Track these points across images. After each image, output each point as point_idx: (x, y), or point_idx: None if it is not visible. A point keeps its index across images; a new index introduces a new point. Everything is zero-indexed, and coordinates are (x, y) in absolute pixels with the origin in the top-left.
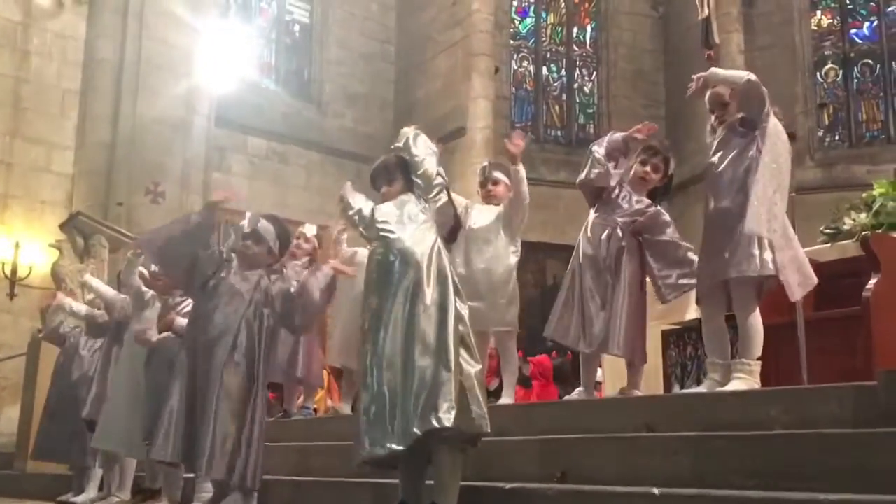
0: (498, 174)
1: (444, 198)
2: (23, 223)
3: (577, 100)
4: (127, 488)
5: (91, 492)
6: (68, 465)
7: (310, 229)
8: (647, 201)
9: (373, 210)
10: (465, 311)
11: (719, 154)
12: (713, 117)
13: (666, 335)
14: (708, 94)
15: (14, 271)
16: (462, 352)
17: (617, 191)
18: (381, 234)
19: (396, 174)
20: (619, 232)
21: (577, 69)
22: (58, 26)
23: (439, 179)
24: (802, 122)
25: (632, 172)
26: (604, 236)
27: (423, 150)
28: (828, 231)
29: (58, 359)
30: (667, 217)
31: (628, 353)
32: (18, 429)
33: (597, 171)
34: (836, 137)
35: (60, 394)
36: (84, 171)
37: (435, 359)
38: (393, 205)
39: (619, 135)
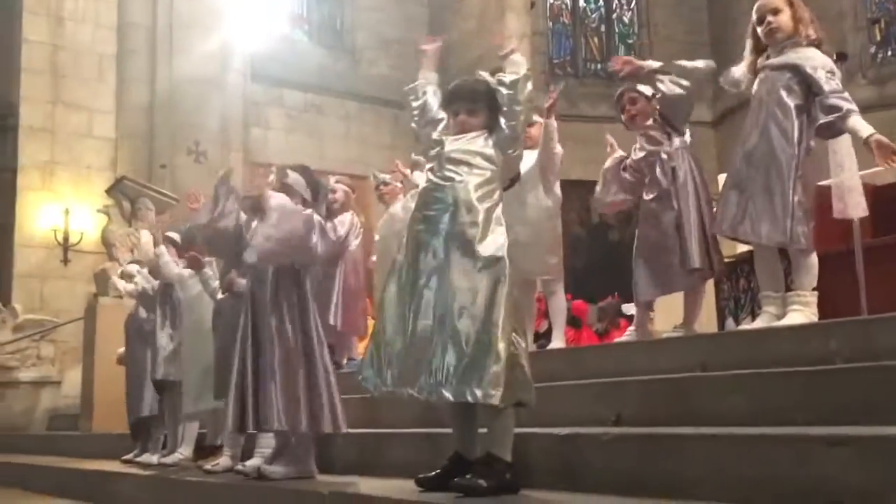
0: (535, 116)
1: (520, 154)
2: (71, 189)
3: (617, 30)
4: (190, 445)
5: (155, 450)
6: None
7: (330, 180)
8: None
9: (441, 139)
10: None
11: (764, 88)
12: (759, 30)
13: None
14: (757, 3)
15: (66, 237)
16: (514, 323)
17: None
18: (446, 172)
19: (481, 105)
20: (665, 156)
21: None
22: None
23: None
24: (853, 38)
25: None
26: (647, 181)
27: (527, 99)
28: None
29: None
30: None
31: (706, 266)
32: (81, 390)
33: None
34: (889, 53)
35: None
36: (125, 135)
37: (484, 327)
38: (466, 142)
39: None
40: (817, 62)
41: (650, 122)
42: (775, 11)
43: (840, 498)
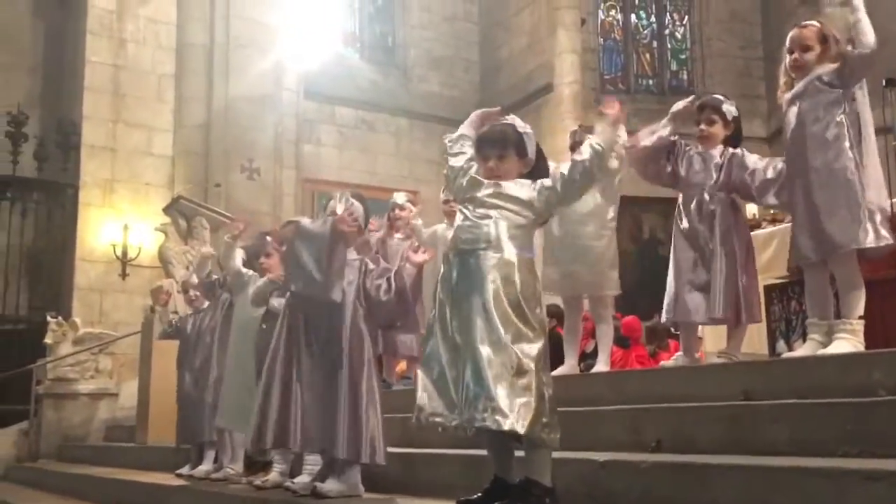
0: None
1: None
2: (129, 205)
3: (669, 46)
4: (239, 461)
5: (207, 464)
6: (178, 442)
7: (400, 197)
8: (721, 149)
9: (475, 176)
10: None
11: (800, 107)
12: (789, 60)
13: (769, 290)
14: (793, 31)
15: (125, 252)
16: (543, 361)
17: (683, 160)
18: (481, 209)
19: (511, 150)
20: (706, 195)
21: (668, 14)
22: (149, 11)
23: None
24: None
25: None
26: (693, 206)
27: (600, 170)
28: None
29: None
30: (747, 156)
31: (727, 313)
32: (138, 402)
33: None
34: None
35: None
36: (182, 153)
37: (510, 358)
38: (512, 185)
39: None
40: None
41: (717, 148)
42: (805, 49)
43: None
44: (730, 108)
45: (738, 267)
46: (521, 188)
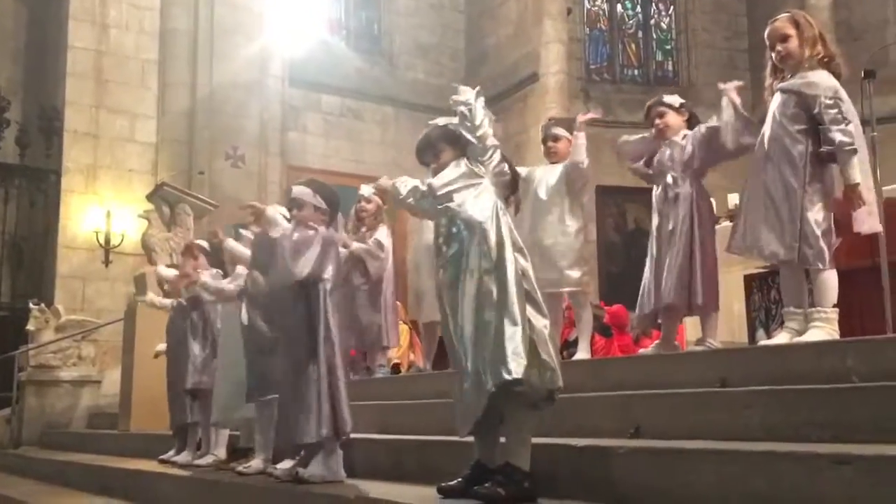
0: (558, 131)
1: (497, 157)
2: (112, 192)
3: (654, 36)
4: (222, 447)
5: (190, 451)
6: (169, 426)
7: (366, 189)
8: (683, 133)
9: (429, 184)
10: (528, 267)
11: (777, 109)
12: (772, 56)
13: (749, 280)
14: (767, 30)
15: (108, 239)
16: (528, 307)
17: (658, 157)
18: (442, 205)
19: (441, 145)
20: (669, 179)
21: (653, 4)
22: None
23: (493, 140)
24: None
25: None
26: (659, 192)
27: (482, 113)
28: None
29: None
30: (706, 123)
31: (675, 299)
32: (121, 390)
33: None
34: None
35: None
36: (166, 140)
37: (498, 314)
38: (447, 173)
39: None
40: (820, 88)
41: (681, 134)
42: (784, 38)
43: None
44: (673, 98)
45: (695, 252)
46: (456, 167)
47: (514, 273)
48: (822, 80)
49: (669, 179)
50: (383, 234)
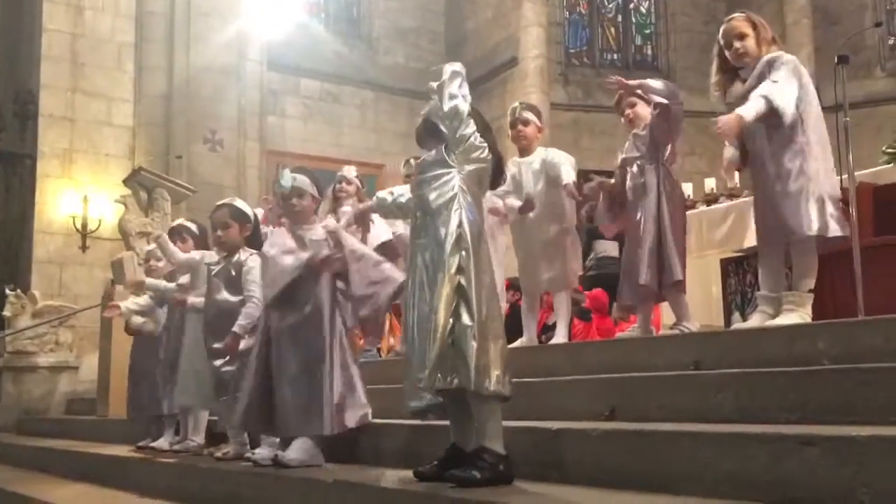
0: (528, 115)
1: (473, 141)
2: (89, 177)
3: (634, 20)
4: (201, 433)
5: (168, 437)
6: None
7: (349, 171)
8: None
9: (390, 192)
10: (470, 263)
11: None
12: (727, 53)
13: (725, 264)
14: (722, 27)
15: (84, 224)
16: (461, 306)
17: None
18: (411, 200)
19: (431, 140)
20: (636, 168)
21: None
22: None
23: (467, 128)
24: (872, 30)
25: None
26: (629, 184)
27: (453, 99)
28: (889, 150)
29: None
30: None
31: (648, 280)
32: (98, 376)
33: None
34: None
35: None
36: (143, 123)
37: (434, 314)
38: (419, 167)
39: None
40: (776, 55)
41: (643, 128)
42: (741, 36)
43: (808, 495)
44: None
45: (665, 233)
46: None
47: (456, 267)
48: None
49: (635, 168)
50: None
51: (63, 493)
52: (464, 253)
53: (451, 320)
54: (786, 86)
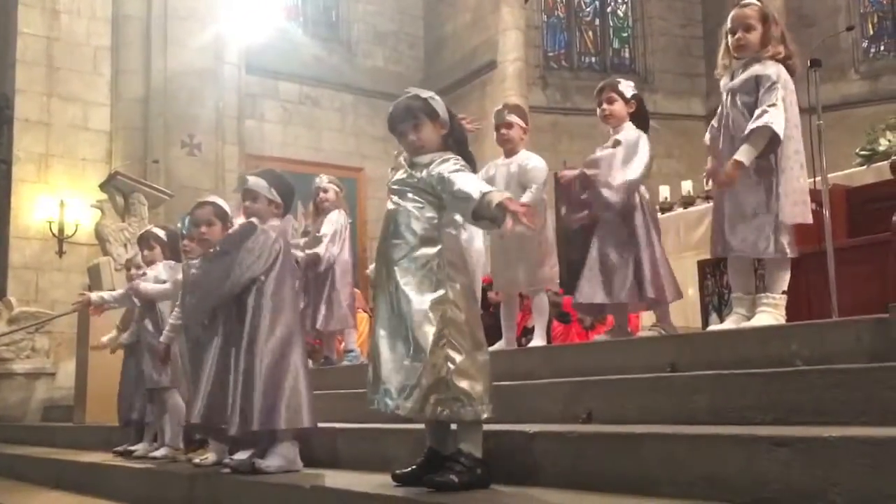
0: (512, 117)
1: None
2: (66, 181)
3: (611, 24)
4: (178, 439)
5: (146, 443)
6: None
7: (323, 180)
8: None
9: (398, 164)
10: (457, 294)
11: (734, 101)
12: (731, 41)
13: (702, 265)
14: (734, 11)
15: (61, 229)
16: (452, 339)
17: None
18: (391, 198)
19: (422, 117)
20: (603, 190)
21: None
22: None
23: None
24: (846, 33)
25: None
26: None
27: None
28: (863, 153)
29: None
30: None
31: (634, 298)
32: (75, 382)
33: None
34: (882, 48)
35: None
36: (120, 127)
37: (412, 347)
38: (407, 169)
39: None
40: (769, 70)
41: (621, 127)
42: (748, 28)
43: (781, 496)
44: (627, 87)
45: (640, 254)
46: (424, 172)
47: (437, 302)
48: (772, 67)
49: (602, 189)
50: (333, 217)
51: (39, 501)
52: (449, 287)
53: (440, 355)
54: (777, 116)
